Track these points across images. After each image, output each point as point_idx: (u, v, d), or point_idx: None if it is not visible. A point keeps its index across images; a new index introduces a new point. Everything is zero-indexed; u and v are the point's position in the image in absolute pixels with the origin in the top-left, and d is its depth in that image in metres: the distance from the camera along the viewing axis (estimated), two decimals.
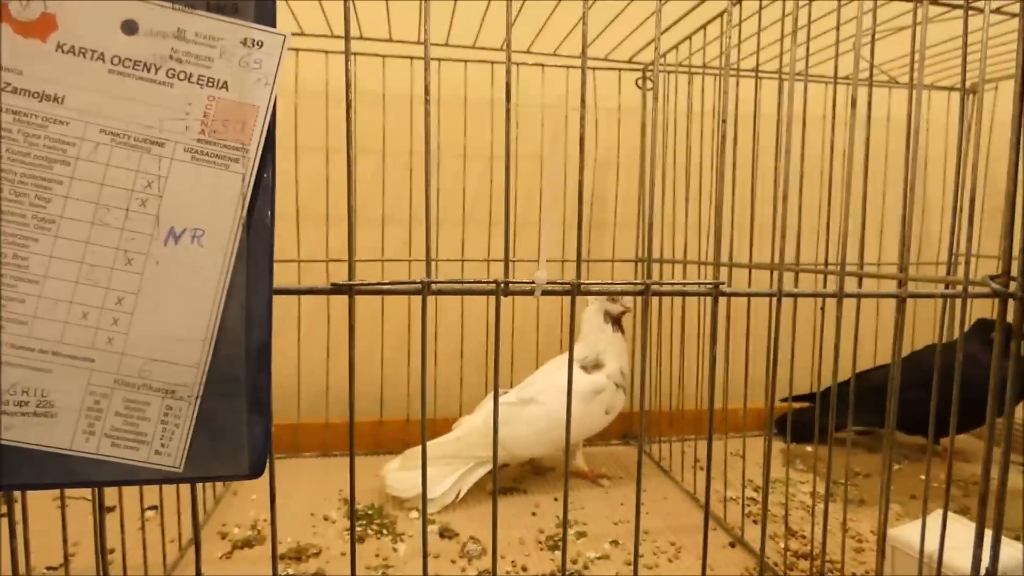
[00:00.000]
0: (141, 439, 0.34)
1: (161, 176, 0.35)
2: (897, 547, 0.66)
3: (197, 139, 0.35)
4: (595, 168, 1.28)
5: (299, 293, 0.41)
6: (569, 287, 0.44)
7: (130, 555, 0.72)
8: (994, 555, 0.54)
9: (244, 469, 0.35)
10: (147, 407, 0.34)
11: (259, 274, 0.36)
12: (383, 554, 0.84)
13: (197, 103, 0.35)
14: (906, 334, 1.42)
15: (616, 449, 1.27)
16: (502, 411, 1.02)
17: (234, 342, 0.35)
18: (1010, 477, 1.13)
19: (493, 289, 0.43)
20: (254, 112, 0.36)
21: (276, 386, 1.13)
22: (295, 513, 0.95)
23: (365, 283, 0.41)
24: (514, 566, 0.82)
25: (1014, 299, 0.50)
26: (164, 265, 0.35)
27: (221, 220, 0.35)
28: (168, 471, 0.35)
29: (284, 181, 1.14)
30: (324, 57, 1.11)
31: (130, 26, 0.35)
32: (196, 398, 0.35)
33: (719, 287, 0.45)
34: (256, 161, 0.36)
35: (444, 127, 1.18)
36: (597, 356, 1.05)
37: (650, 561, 0.83)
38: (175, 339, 0.34)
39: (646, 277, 0.48)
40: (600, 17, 1.06)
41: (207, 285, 0.35)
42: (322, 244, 1.16)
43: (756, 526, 0.90)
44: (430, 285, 0.42)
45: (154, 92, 0.35)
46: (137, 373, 0.34)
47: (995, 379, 0.52)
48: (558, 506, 1.00)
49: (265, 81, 0.36)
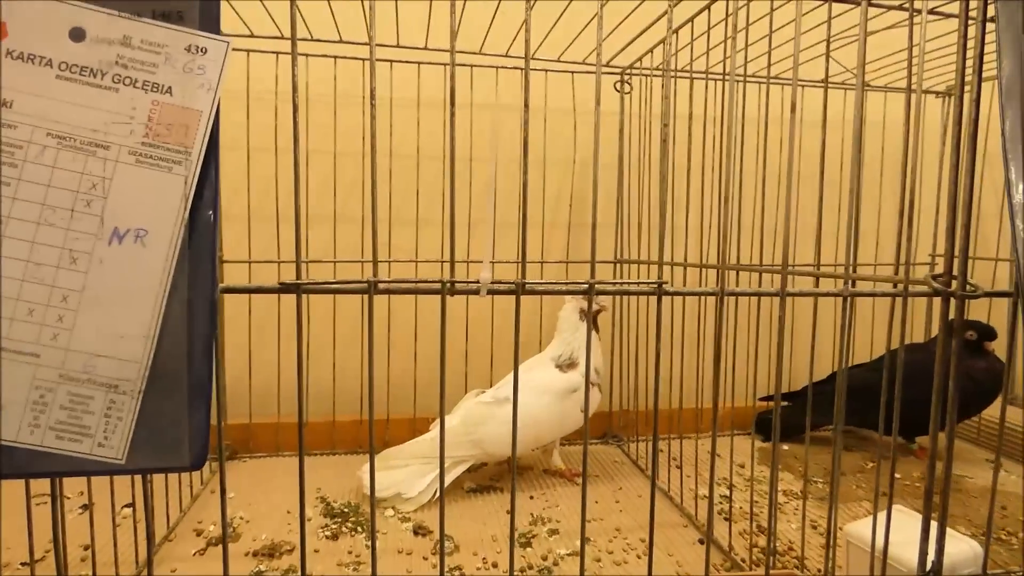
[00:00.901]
0: (85, 432, 0.36)
1: (106, 178, 0.36)
2: (852, 542, 0.67)
3: (141, 142, 0.36)
4: (575, 170, 1.29)
5: (247, 292, 0.42)
6: (514, 286, 0.45)
7: (106, 551, 0.73)
8: (939, 548, 0.55)
9: (185, 461, 0.36)
10: (91, 401, 0.36)
11: (201, 273, 0.37)
12: (356, 551, 0.85)
13: (142, 108, 0.37)
14: (885, 335, 1.43)
15: (594, 448, 1.28)
16: (479, 411, 1.04)
17: (176, 338, 0.36)
18: (979, 473, 1.14)
19: (439, 289, 0.44)
20: (197, 116, 0.37)
21: (255, 386, 1.14)
22: (271, 510, 0.96)
23: (313, 282, 0.42)
24: (485, 563, 0.83)
25: (954, 297, 0.51)
26: (108, 264, 0.36)
27: (164, 221, 0.36)
28: (111, 463, 0.36)
29: (236, 182, 1.15)
30: (275, 58, 1.12)
31: (78, 33, 0.37)
32: (139, 392, 0.36)
33: (662, 286, 0.47)
34: (199, 164, 0.37)
35: (397, 128, 1.19)
36: (572, 354, 1.06)
37: (619, 558, 0.84)
38: (118, 335, 0.36)
39: (621, 277, 0.49)
40: (578, 20, 1.08)
41: (150, 283, 0.36)
42: (274, 245, 1.17)
43: (727, 523, 0.91)
44: (376, 284, 0.43)
45: (100, 97, 0.36)
46: (81, 368, 0.36)
47: (938, 378, 0.53)
48: (533, 504, 1.01)
49: (208, 87, 0.37)
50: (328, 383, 1.23)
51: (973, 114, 0.49)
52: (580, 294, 0.46)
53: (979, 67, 0.52)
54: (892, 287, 0.55)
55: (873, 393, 0.97)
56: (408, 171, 1.22)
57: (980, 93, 0.51)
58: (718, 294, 0.48)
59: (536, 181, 1.28)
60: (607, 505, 1.01)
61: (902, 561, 0.61)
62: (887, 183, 1.41)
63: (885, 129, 1.36)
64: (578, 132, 1.26)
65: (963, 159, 0.51)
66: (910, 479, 1.11)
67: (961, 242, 0.51)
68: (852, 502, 1.02)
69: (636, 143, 1.24)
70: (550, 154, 1.27)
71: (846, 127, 1.30)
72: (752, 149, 1.06)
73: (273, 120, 1.14)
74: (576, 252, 1.32)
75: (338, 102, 1.18)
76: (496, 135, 1.17)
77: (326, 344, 1.22)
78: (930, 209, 1.39)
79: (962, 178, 0.50)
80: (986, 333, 1.18)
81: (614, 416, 1.32)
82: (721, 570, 0.81)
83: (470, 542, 0.88)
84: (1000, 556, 0.85)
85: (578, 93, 1.24)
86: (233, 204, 1.17)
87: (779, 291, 0.50)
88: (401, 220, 1.23)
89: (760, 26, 0.86)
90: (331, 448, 1.22)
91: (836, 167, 1.29)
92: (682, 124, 1.11)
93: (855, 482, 1.10)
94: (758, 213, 1.04)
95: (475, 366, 1.27)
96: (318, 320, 1.21)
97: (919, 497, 1.01)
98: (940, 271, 0.52)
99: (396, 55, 1.14)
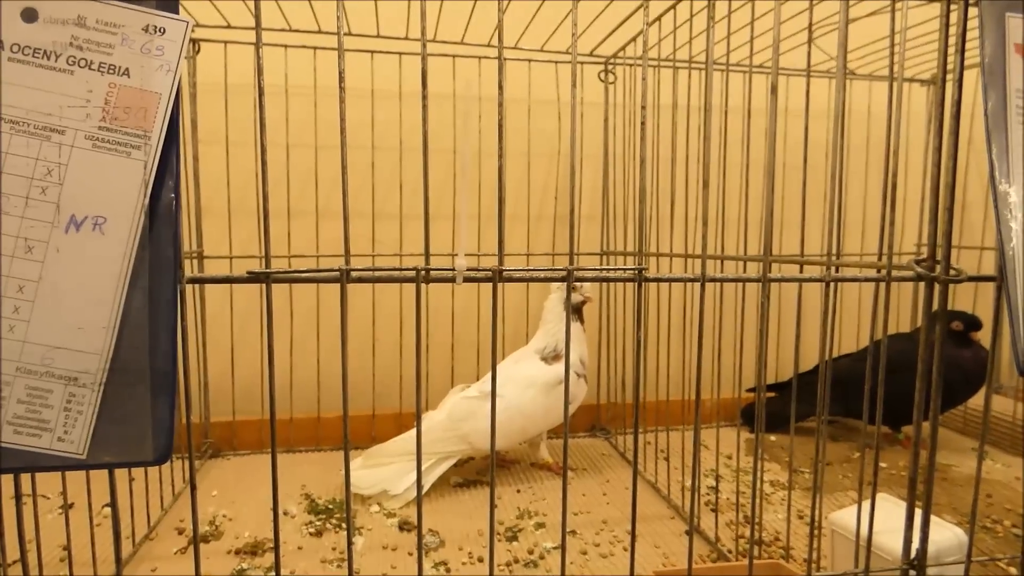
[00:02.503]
0: (44, 426, 0.34)
1: (61, 164, 0.35)
2: (836, 531, 0.67)
3: (98, 126, 0.35)
4: (559, 162, 1.28)
5: (212, 282, 0.41)
6: (491, 273, 0.44)
7: (85, 551, 0.72)
8: (923, 536, 0.55)
9: (149, 456, 0.35)
10: (50, 394, 0.34)
11: (163, 261, 0.36)
12: (340, 547, 0.84)
13: (98, 90, 0.35)
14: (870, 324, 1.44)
15: (582, 441, 1.27)
16: (465, 405, 1.03)
17: (138, 330, 0.35)
18: (964, 462, 1.15)
19: (413, 276, 0.43)
20: (156, 99, 0.36)
21: (238, 384, 1.13)
22: (254, 508, 0.94)
23: (281, 271, 0.41)
24: (471, 557, 0.82)
25: (937, 282, 0.51)
26: (65, 253, 0.34)
27: (123, 207, 0.35)
28: (72, 458, 0.35)
29: (216, 177, 1.13)
30: (253, 50, 1.10)
31: (30, 14, 0.35)
32: (99, 385, 0.35)
33: (641, 272, 0.46)
34: (159, 148, 0.36)
35: (380, 121, 1.18)
36: (557, 346, 1.05)
37: (605, 550, 0.84)
38: (77, 327, 0.34)
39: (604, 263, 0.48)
40: (561, 9, 1.07)
41: (109, 273, 0.35)
42: (255, 241, 1.15)
43: (713, 514, 0.91)
44: (349, 273, 0.42)
45: (54, 80, 0.35)
46: (39, 361, 0.34)
47: (922, 363, 0.52)
48: (520, 498, 1.00)
49: (168, 68, 0.36)
50: (312, 380, 1.21)
51: (956, 95, 0.48)
52: (559, 281, 0.45)
53: (961, 49, 0.51)
54: (875, 272, 0.54)
55: (858, 383, 0.97)
56: (391, 164, 1.20)
57: (963, 75, 0.51)
58: (699, 280, 0.47)
59: (521, 174, 1.27)
60: (594, 498, 1.00)
61: (886, 549, 0.61)
62: (872, 174, 1.41)
63: (870, 118, 1.36)
64: (562, 123, 1.25)
65: (946, 141, 0.50)
66: (896, 468, 1.11)
67: (944, 225, 0.50)
68: (838, 492, 1.02)
69: (621, 135, 1.23)
70: (534, 147, 1.25)
71: (831, 117, 1.30)
72: (736, 140, 1.05)
73: (253, 113, 1.13)
74: (561, 245, 1.31)
75: (318, 94, 1.16)
76: (470, 110, 1.16)
77: (310, 340, 1.20)
78: (916, 200, 1.39)
79: (945, 160, 0.49)
80: (972, 323, 1.18)
81: (601, 409, 1.31)
82: (707, 561, 0.81)
83: (456, 537, 0.87)
84: (985, 544, 0.85)
85: (562, 84, 1.23)
86: (214, 200, 1.15)
87: (761, 277, 0.49)
88: (384, 214, 1.21)
89: (743, 13, 0.85)
90: (316, 445, 1.21)
91: (821, 157, 1.28)
92: (666, 114, 1.10)
93: (841, 472, 1.10)
94: (742, 205, 1.03)
95: (461, 361, 1.26)
96: (301, 315, 1.20)
97: (904, 486, 1.01)
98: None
99: (377, 45, 1.13)
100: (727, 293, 1.14)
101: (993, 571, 0.79)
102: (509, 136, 1.23)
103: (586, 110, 1.25)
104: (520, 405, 1.02)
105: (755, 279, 0.49)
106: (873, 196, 1.41)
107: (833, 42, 0.96)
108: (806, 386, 1.23)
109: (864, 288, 1.42)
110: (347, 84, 1.14)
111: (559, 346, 1.05)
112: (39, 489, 0.91)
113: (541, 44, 1.15)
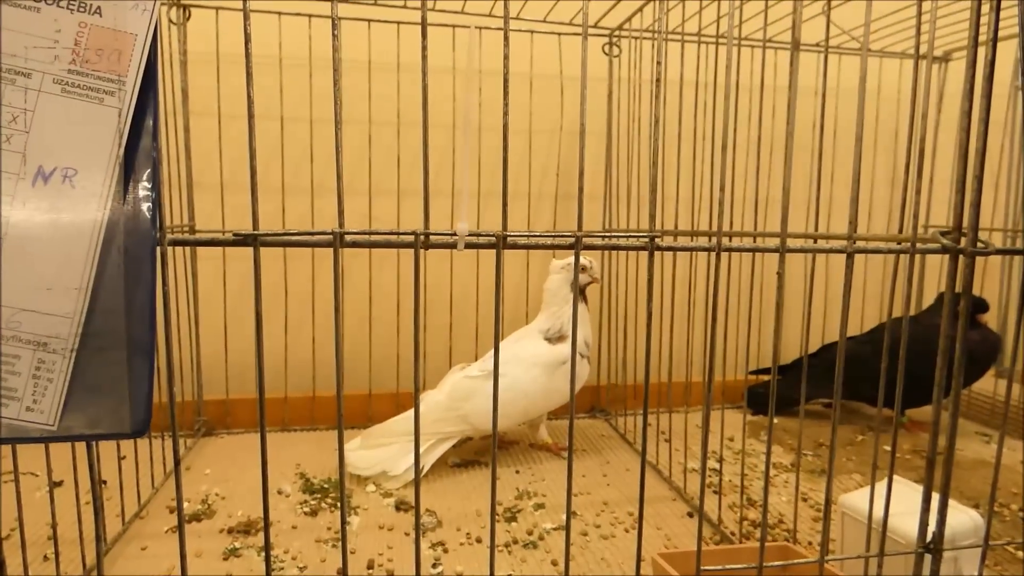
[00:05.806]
0: (11, 395, 0.32)
1: (27, 110, 0.32)
2: (847, 513, 0.65)
3: (67, 70, 0.32)
4: (562, 139, 1.25)
5: (197, 245, 0.38)
6: (494, 239, 0.41)
7: (73, 529, 0.70)
8: (940, 519, 0.53)
9: (126, 427, 0.33)
10: (17, 361, 0.32)
11: (140, 219, 0.33)
12: (335, 527, 0.82)
13: (67, 30, 0.32)
14: (876, 309, 1.41)
15: (582, 422, 1.26)
16: (466, 385, 1.00)
17: (113, 292, 0.32)
18: (969, 445, 1.13)
19: (412, 241, 0.40)
20: (131, 40, 0.33)
21: (232, 362, 1.10)
22: (249, 487, 0.92)
23: (270, 232, 0.38)
24: (468, 538, 0.80)
25: (964, 255, 0.48)
26: (32, 207, 0.32)
27: (96, 159, 0.32)
28: (41, 428, 0.32)
29: (209, 151, 1.10)
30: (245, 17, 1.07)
31: None
32: (71, 351, 0.32)
33: (654, 240, 0.43)
34: (134, 95, 0.33)
35: (377, 93, 1.14)
36: (561, 327, 1.03)
37: (607, 531, 0.82)
38: (46, 287, 0.32)
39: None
40: None
41: (81, 229, 0.32)
42: (249, 216, 1.12)
43: (716, 496, 0.89)
44: (343, 236, 0.39)
45: (18, 17, 0.32)
46: (5, 324, 0.32)
47: (944, 339, 0.50)
48: (519, 479, 0.98)
49: (143, 7, 0.33)
50: (308, 358, 1.19)
51: (989, 55, 0.45)
52: (566, 248, 0.42)
53: (995, 22, 0.48)
54: (897, 244, 0.52)
55: (863, 365, 0.95)
56: (390, 138, 1.17)
57: (996, 39, 0.47)
58: (714, 249, 0.45)
59: (522, 151, 1.24)
60: (594, 479, 0.98)
61: (900, 532, 0.59)
62: (881, 152, 1.38)
63: (880, 96, 1.32)
64: (565, 98, 1.22)
65: (977, 105, 0.47)
66: (900, 451, 1.09)
67: (973, 195, 0.48)
68: (842, 475, 1.00)
69: (625, 110, 1.19)
70: (536, 123, 1.22)
71: (840, 94, 1.27)
72: (744, 118, 1.02)
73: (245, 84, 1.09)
74: (563, 224, 1.28)
75: (314, 65, 1.13)
76: (472, 77, 1.12)
77: (305, 318, 1.18)
78: (926, 184, 1.36)
79: (976, 124, 0.46)
80: (979, 305, 1.16)
81: (602, 390, 1.29)
82: (710, 543, 0.79)
83: (453, 517, 0.85)
84: (993, 527, 0.83)
85: (565, 57, 1.19)
86: (206, 174, 1.12)
87: (779, 247, 0.46)
88: (381, 191, 1.18)
89: None
90: (312, 424, 1.19)
91: (828, 137, 1.25)
92: (672, 89, 1.07)
93: (845, 455, 1.08)
94: (752, 184, 1.00)
95: (460, 339, 1.23)
96: (296, 293, 1.17)
97: (910, 469, 0.99)
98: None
99: (374, 14, 1.09)
100: (733, 272, 1.11)
101: (1001, 555, 0.77)
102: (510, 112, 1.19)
103: (588, 84, 1.21)
104: (523, 386, 1.00)
105: (773, 249, 0.46)
106: (881, 177, 1.38)
107: (845, 16, 0.93)
108: (808, 368, 1.20)
109: (870, 270, 1.40)
110: (343, 55, 1.11)
111: (564, 327, 1.02)
112: (29, 467, 0.89)
113: (544, 15, 1.11)
